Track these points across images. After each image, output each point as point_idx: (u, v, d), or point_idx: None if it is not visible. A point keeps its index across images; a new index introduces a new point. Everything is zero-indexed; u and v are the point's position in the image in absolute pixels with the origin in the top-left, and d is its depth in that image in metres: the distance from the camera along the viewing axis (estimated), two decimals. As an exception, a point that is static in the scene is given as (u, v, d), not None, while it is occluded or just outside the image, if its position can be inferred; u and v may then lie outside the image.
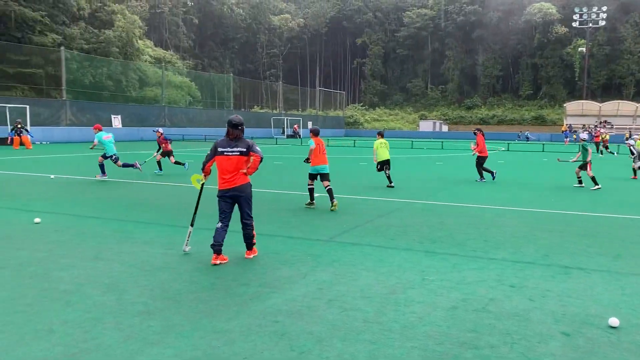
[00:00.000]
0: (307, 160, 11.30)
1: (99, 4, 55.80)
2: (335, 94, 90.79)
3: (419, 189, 14.43)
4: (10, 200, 11.10)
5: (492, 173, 16.67)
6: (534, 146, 44.60)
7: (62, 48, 44.20)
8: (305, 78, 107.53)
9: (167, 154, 17.62)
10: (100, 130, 15.98)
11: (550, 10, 79.00)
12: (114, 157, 15.48)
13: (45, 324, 4.40)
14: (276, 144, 45.79)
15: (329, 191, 10.82)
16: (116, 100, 50.02)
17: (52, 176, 16.02)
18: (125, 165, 15.81)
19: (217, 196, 6.57)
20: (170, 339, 4.15)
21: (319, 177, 11.10)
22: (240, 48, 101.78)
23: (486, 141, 17.35)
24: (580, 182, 15.59)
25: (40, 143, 36.42)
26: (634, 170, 18.54)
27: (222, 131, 18.99)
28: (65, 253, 6.77)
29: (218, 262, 6.42)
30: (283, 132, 63.61)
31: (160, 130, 17.95)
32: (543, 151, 36.42)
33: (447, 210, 10.80)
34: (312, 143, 11.15)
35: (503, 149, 40.72)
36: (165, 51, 75.33)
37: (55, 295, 5.12)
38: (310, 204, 11.09)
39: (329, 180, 11.09)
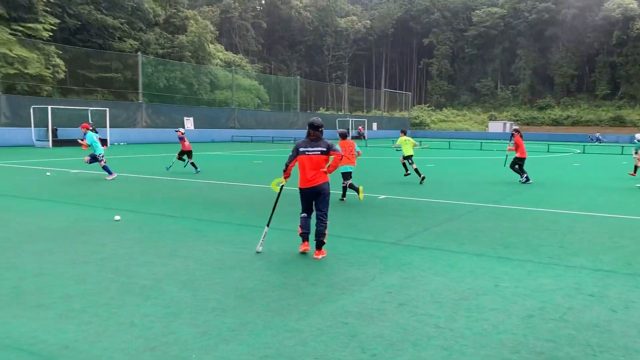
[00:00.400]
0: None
1: (173, 11, 57.96)
2: (400, 94, 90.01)
3: (489, 192, 14.06)
4: (91, 199, 11.72)
5: (521, 175, 16.26)
6: (612, 148, 42.40)
7: (139, 53, 46.23)
8: (370, 79, 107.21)
9: (187, 153, 18.04)
10: (88, 129, 16.26)
11: (631, 6, 74.96)
12: (100, 155, 15.74)
13: (127, 317, 4.61)
14: (342, 145, 45.84)
15: (344, 188, 12.16)
16: (188, 103, 51.78)
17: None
18: (104, 168, 15.85)
19: (300, 193, 7.03)
20: (243, 336, 4.25)
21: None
22: (307, 51, 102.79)
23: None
24: None
25: (118, 144, 38.21)
26: None
27: (289, 133, 19.39)
28: (144, 250, 7.07)
29: (301, 249, 7.01)
30: (348, 133, 63.64)
31: (182, 130, 18.49)
32: (622, 154, 34.58)
33: (519, 215, 10.47)
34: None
35: (578, 151, 38.99)
36: (235, 55, 77.21)
37: (136, 290, 5.37)
38: (342, 200, 12.22)
39: (350, 180, 12.16)
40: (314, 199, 6.94)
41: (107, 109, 37.22)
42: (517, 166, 16.44)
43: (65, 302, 4.95)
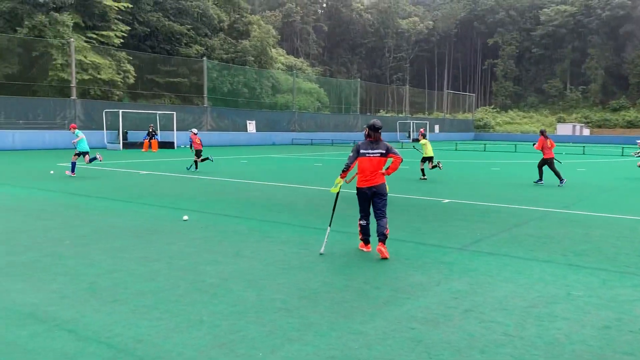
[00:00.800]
0: None
1: (237, 16, 59.27)
2: (464, 96, 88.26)
3: (559, 197, 13.55)
4: (159, 199, 12.14)
5: (560, 178, 16.15)
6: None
7: (205, 58, 47.54)
8: (432, 81, 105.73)
9: (198, 152, 19.60)
10: (76, 128, 17.61)
11: None
12: (87, 154, 17.12)
13: (196, 314, 4.75)
14: (401, 147, 45.45)
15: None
16: (251, 107, 52.77)
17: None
18: (91, 159, 17.30)
19: (357, 193, 7.19)
20: (308, 337, 4.28)
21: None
22: (368, 53, 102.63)
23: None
24: None
25: (184, 147, 39.40)
26: None
27: (349, 135, 19.46)
28: (210, 249, 7.26)
29: (365, 250, 7.24)
30: (409, 136, 63.00)
31: (195, 130, 20.27)
32: None
33: (592, 221, 10.02)
34: None
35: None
36: (296, 59, 78.09)
37: (203, 288, 5.51)
38: None
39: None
40: (371, 199, 7.10)
41: (174, 112, 38.46)
42: (544, 166, 16.55)
43: (138, 298, 5.15)
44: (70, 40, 37.25)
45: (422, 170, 17.96)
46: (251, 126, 47.91)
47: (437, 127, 70.89)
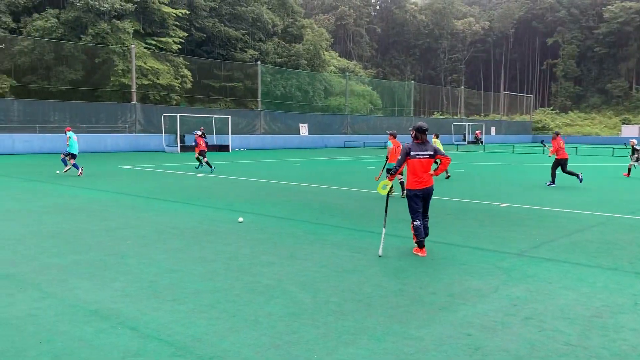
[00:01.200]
0: (387, 159, 13.62)
1: (291, 20, 59.90)
2: (521, 97, 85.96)
3: (623, 202, 12.98)
4: (216, 201, 12.41)
5: (577, 176, 16.12)
6: None
7: (259, 63, 48.30)
8: (488, 82, 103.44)
9: (202, 153, 20.40)
10: (70, 131, 18.60)
11: None
12: (73, 156, 18.04)
13: (252, 315, 4.82)
14: (456, 150, 44.67)
15: (401, 183, 13.07)
16: (303, 110, 53.19)
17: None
18: (75, 165, 17.98)
19: (409, 195, 7.28)
20: (363, 341, 4.27)
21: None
22: (422, 54, 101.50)
23: None
24: None
25: (239, 150, 40.12)
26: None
27: (403, 138, 19.48)
28: (265, 250, 7.36)
29: (420, 254, 7.18)
30: (464, 138, 61.88)
31: (199, 132, 21.28)
32: None
33: (660, 227, 9.54)
34: (390, 144, 13.55)
35: None
36: (349, 61, 78.14)
37: (259, 289, 5.59)
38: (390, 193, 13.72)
39: (402, 174, 12.83)
40: (424, 200, 7.30)
41: (229, 116, 39.24)
42: (558, 167, 16.49)
43: (196, 298, 5.28)
44: (131, 46, 38.65)
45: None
46: (304, 129, 48.27)
47: (493, 129, 69.32)
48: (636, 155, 19.56)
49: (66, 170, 18.28)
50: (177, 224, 9.37)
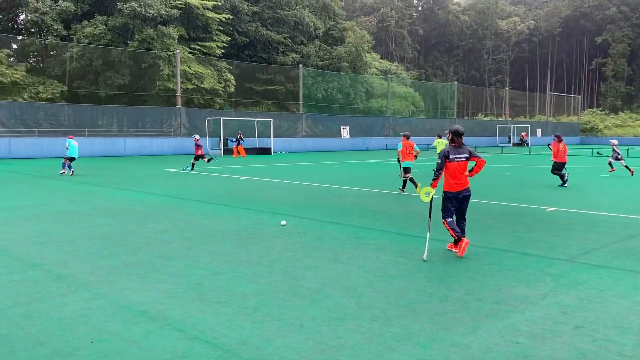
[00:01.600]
0: (398, 160, 15.09)
1: (332, 23, 60.02)
2: (568, 98, 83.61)
3: (679, 207, 12.44)
4: (259, 204, 12.53)
5: (562, 178, 16.70)
6: None
7: (300, 66, 48.59)
8: (534, 83, 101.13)
9: (199, 157, 21.77)
10: (72, 138, 20.51)
11: None
12: (72, 159, 19.81)
13: (297, 319, 4.84)
14: (501, 152, 43.82)
15: (411, 180, 14.52)
16: (344, 112, 53.20)
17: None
18: (69, 166, 19.77)
19: (446, 197, 7.48)
20: (408, 347, 4.23)
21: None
22: (465, 55, 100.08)
23: None
24: None
25: (280, 152, 40.43)
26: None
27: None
28: (309, 254, 7.38)
29: (455, 250, 7.38)
30: (509, 140, 60.61)
31: (197, 136, 22.59)
32: None
33: None
34: (400, 146, 14.96)
35: None
36: (390, 63, 77.72)
37: (303, 293, 5.61)
38: (402, 190, 14.90)
39: (410, 173, 14.75)
40: (462, 201, 7.51)
41: (271, 119, 39.59)
42: (556, 171, 16.99)
43: (242, 300, 5.34)
44: (176, 51, 39.50)
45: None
46: (345, 131, 48.26)
47: (539, 131, 67.67)
48: (614, 154, 20.80)
49: (62, 173, 19.79)
50: (221, 226, 9.50)
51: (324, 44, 57.44)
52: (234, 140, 35.89)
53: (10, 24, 41.99)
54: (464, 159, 7.40)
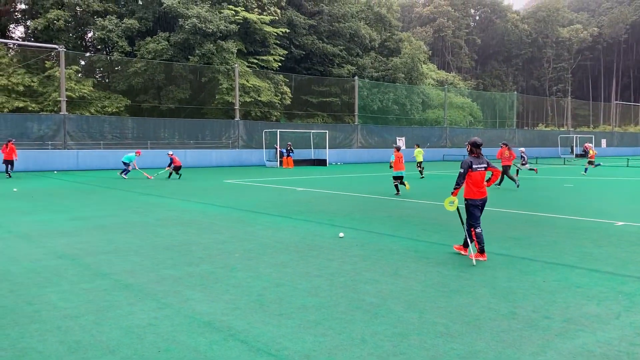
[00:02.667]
0: (390, 167, 17.82)
1: (388, 34, 59.93)
2: (636, 107, 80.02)
3: None
4: (317, 215, 12.58)
5: (499, 184, 19.57)
6: None
7: (356, 77, 48.69)
8: (597, 91, 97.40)
9: (177, 168, 24.32)
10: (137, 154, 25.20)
11: None
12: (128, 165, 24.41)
13: (358, 333, 4.81)
14: (564, 164, 42.33)
15: (401, 182, 17.49)
16: (400, 123, 52.84)
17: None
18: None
19: (471, 205, 7.92)
20: (474, 366, 4.12)
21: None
22: (524, 64, 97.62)
23: None
24: None
25: (336, 164, 40.53)
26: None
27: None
28: (368, 267, 7.33)
29: (482, 259, 7.75)
30: (572, 151, 58.50)
31: (171, 152, 25.75)
32: None
33: None
34: (392, 158, 17.68)
35: None
36: (447, 73, 76.76)
37: (363, 307, 5.57)
38: (397, 194, 17.22)
39: (402, 178, 17.51)
40: (483, 207, 8.04)
41: (327, 131, 39.80)
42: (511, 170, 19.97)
43: (303, 313, 5.36)
44: (234, 65, 40.43)
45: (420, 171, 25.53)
46: (401, 142, 47.90)
47: (604, 142, 65.00)
48: (522, 161, 23.44)
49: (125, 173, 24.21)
50: (281, 238, 9.59)
51: (379, 55, 57.39)
52: (285, 151, 36.33)
53: (79, 42, 44.17)
54: (483, 169, 8.00)
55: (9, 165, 24.99)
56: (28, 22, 43.01)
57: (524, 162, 23.74)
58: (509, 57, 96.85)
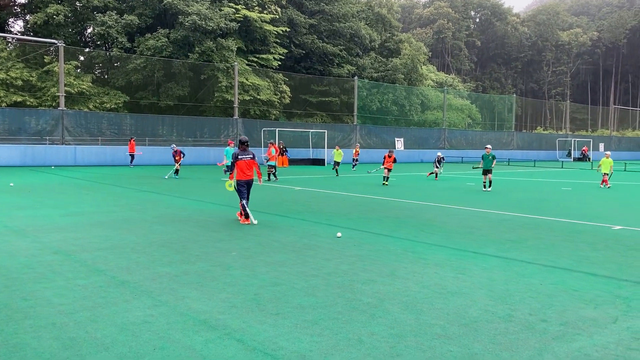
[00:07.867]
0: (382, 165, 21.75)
1: (388, 35, 59.93)
2: (634, 112, 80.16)
3: None
4: (314, 215, 12.56)
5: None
6: None
7: (356, 78, 48.68)
8: (596, 96, 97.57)
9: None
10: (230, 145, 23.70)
11: None
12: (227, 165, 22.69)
13: (355, 334, 4.78)
14: (562, 167, 42.39)
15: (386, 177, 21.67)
16: (399, 124, 52.86)
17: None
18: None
19: (239, 184, 10.56)
20: (471, 368, 4.10)
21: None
22: (524, 67, 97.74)
23: None
24: None
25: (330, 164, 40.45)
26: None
27: (502, 153, 19.20)
28: (365, 267, 7.31)
29: (247, 223, 10.00)
30: (569, 155, 58.58)
31: (175, 147, 24.74)
32: None
33: None
34: (381, 166, 22.14)
35: None
36: (447, 75, 76.82)
37: (360, 307, 5.55)
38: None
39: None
40: (249, 187, 11.30)
41: (326, 130, 39.78)
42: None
43: (299, 313, 5.33)
44: (234, 63, 40.38)
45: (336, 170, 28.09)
46: (399, 143, 47.92)
47: (601, 146, 65.10)
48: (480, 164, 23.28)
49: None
50: (278, 237, 9.57)
51: (379, 56, 57.39)
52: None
53: (78, 37, 44.06)
54: (249, 159, 11.01)
55: None
56: (27, 17, 42.89)
57: (438, 165, 25.67)
58: (509, 59, 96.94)
